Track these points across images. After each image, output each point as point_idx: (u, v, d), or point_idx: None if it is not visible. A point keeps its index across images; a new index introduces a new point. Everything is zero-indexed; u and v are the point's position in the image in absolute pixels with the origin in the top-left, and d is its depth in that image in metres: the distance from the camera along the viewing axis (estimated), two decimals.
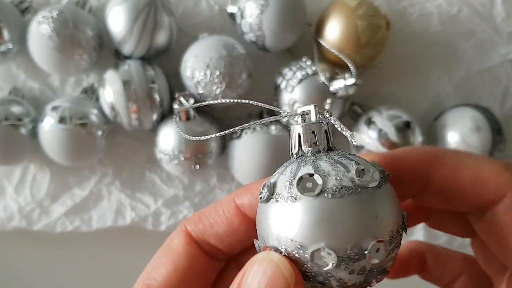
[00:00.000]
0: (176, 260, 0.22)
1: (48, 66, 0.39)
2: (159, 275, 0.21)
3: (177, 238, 0.22)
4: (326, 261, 0.17)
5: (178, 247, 0.22)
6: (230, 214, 0.22)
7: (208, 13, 0.42)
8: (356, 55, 0.38)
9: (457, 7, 0.42)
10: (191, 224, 0.22)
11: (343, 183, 0.17)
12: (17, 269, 0.49)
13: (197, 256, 0.22)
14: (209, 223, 0.22)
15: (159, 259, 0.22)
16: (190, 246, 0.22)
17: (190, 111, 0.39)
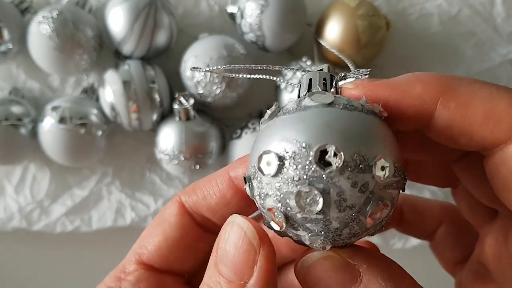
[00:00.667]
0: (167, 230, 0.22)
1: (48, 66, 0.39)
2: (150, 244, 0.22)
3: (170, 208, 0.22)
4: (330, 161, 0.16)
5: (170, 217, 0.22)
6: (223, 186, 0.21)
7: (208, 13, 0.42)
8: (356, 55, 0.38)
9: (457, 8, 0.42)
10: (185, 195, 0.22)
11: (353, 103, 0.17)
12: (17, 269, 0.49)
13: (189, 226, 0.22)
14: (202, 194, 0.22)
15: (151, 229, 0.22)
16: (182, 216, 0.22)
17: (190, 111, 0.39)
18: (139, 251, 0.22)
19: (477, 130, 0.17)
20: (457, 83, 0.18)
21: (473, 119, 0.17)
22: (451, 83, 0.18)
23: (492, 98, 0.17)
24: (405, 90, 0.18)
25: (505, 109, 0.17)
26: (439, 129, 0.18)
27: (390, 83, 0.19)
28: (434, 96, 0.18)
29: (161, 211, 0.23)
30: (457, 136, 0.18)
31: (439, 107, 0.18)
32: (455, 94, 0.18)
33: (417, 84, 0.18)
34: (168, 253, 0.22)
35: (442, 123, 0.18)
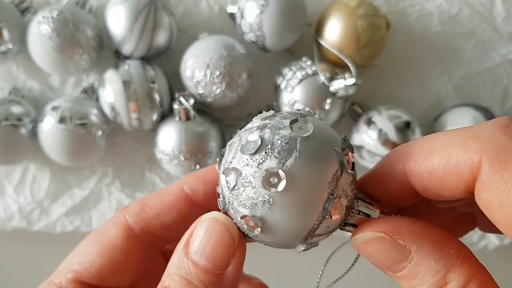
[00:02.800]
0: (111, 253, 0.21)
1: (48, 66, 0.39)
2: (91, 265, 0.21)
3: (115, 229, 0.21)
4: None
5: (115, 239, 0.21)
6: (179, 203, 0.21)
7: (208, 13, 0.42)
8: (356, 55, 0.38)
9: (457, 7, 0.42)
10: (132, 215, 0.22)
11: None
12: (17, 269, 0.49)
13: (134, 250, 0.22)
14: (154, 213, 0.21)
15: (91, 248, 0.21)
16: (128, 240, 0.21)
17: (190, 111, 0.39)
18: (77, 268, 0.21)
19: (447, 181, 0.18)
20: (413, 148, 0.19)
21: (438, 173, 0.18)
22: (408, 149, 0.19)
23: (447, 146, 0.18)
24: (381, 174, 0.20)
25: (459, 151, 0.17)
26: (423, 192, 0.19)
27: (370, 176, 0.20)
28: (401, 167, 0.19)
29: (102, 229, 0.22)
30: (438, 192, 0.18)
31: (408, 174, 0.19)
32: (413, 156, 0.18)
33: (387, 163, 0.19)
34: (109, 275, 0.21)
35: (419, 186, 0.19)
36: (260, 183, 0.17)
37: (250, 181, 0.17)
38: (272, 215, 0.17)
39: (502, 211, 0.16)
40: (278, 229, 0.18)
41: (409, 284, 0.18)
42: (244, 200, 0.17)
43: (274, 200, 0.17)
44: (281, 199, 0.17)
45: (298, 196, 0.17)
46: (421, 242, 0.18)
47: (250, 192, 0.17)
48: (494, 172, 0.16)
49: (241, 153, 0.17)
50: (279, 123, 0.18)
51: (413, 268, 0.18)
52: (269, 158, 0.17)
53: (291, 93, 0.39)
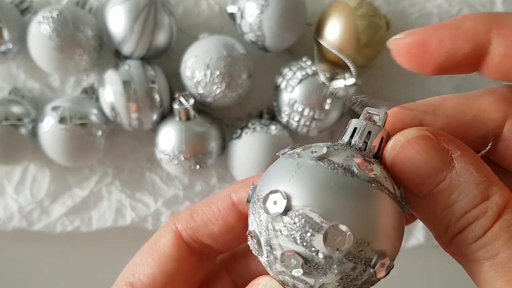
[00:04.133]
0: (163, 262, 0.21)
1: (48, 66, 0.39)
2: (144, 276, 0.21)
3: (165, 238, 0.21)
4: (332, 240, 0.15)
5: (166, 248, 0.21)
6: (226, 212, 0.20)
7: (208, 13, 0.42)
8: (356, 55, 0.38)
9: (457, 7, 0.42)
10: (181, 222, 0.21)
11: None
12: (17, 269, 0.49)
13: (186, 258, 0.21)
14: (202, 221, 0.21)
15: (144, 258, 0.21)
16: (179, 248, 0.21)
17: (190, 111, 0.39)
18: (132, 281, 0.21)
19: None
20: (504, 15, 0.18)
21: None
22: (499, 15, 0.18)
23: None
24: (458, 26, 0.18)
25: None
26: (498, 60, 0.17)
27: (440, 24, 0.18)
28: (487, 27, 0.17)
29: (154, 238, 0.22)
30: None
31: (495, 36, 0.17)
32: (506, 23, 0.17)
33: (467, 19, 0.18)
34: (162, 286, 0.21)
35: (500, 51, 0.17)
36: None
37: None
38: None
39: None
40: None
41: (445, 203, 0.16)
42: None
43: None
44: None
45: None
46: (464, 149, 0.17)
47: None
48: None
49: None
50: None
51: (454, 177, 0.16)
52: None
53: (291, 93, 0.39)
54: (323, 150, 0.17)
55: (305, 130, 0.40)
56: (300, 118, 0.39)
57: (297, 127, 0.40)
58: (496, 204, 0.16)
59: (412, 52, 0.18)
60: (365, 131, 0.18)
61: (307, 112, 0.38)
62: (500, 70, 0.18)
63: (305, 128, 0.40)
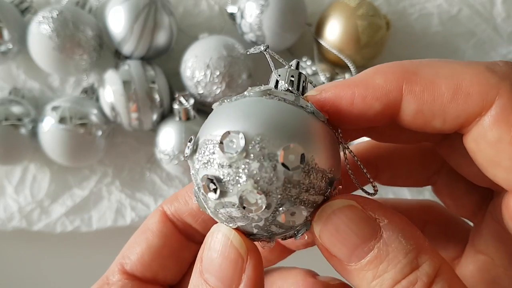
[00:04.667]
0: (149, 238, 0.22)
1: (48, 66, 0.39)
2: (132, 254, 0.22)
3: (153, 217, 0.22)
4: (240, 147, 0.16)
5: (152, 225, 0.22)
6: None
7: (208, 13, 0.42)
8: (356, 55, 0.38)
9: (457, 7, 0.42)
10: (167, 204, 0.22)
11: (294, 100, 0.17)
12: (17, 269, 0.49)
13: (171, 234, 0.22)
14: (184, 200, 0.22)
15: (134, 239, 0.22)
16: (163, 224, 0.22)
17: (190, 111, 0.39)
18: (122, 261, 0.22)
19: (449, 109, 0.16)
20: (418, 67, 0.17)
21: (442, 98, 0.16)
22: (411, 67, 0.17)
23: (456, 74, 0.16)
24: (367, 84, 0.17)
25: (471, 82, 0.16)
26: (411, 117, 0.17)
27: (351, 81, 0.18)
28: (397, 84, 0.17)
29: (144, 221, 0.23)
30: (431, 120, 0.17)
31: (405, 94, 0.17)
32: (418, 77, 0.17)
33: (377, 76, 0.17)
34: (150, 261, 0.21)
35: (412, 109, 0.17)
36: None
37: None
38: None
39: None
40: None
41: (375, 273, 0.16)
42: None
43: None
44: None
45: None
46: (392, 217, 0.17)
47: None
48: (510, 109, 0.15)
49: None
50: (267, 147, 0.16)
51: (382, 247, 0.16)
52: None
53: None
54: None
55: None
56: None
57: None
58: (426, 273, 0.16)
59: (325, 109, 0.18)
60: (287, 76, 0.19)
61: None
62: (413, 125, 0.18)
63: None
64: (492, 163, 0.16)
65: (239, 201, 0.16)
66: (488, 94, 0.16)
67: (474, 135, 0.16)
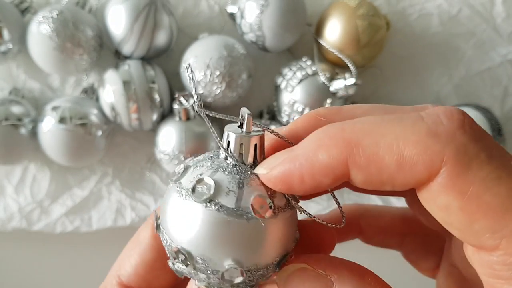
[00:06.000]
0: (143, 252, 0.23)
1: (48, 66, 0.39)
2: (129, 266, 0.23)
3: (144, 231, 0.23)
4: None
5: (146, 239, 0.23)
6: None
7: (208, 13, 0.42)
8: (356, 55, 0.38)
9: (457, 8, 0.42)
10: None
11: (228, 204, 0.17)
12: (17, 269, 0.49)
13: (162, 247, 0.22)
14: None
15: (128, 252, 0.23)
16: (156, 239, 0.22)
17: (190, 111, 0.39)
18: (119, 273, 0.23)
19: (396, 179, 0.16)
20: (358, 136, 0.17)
21: (388, 169, 0.16)
22: (352, 137, 0.17)
23: (397, 142, 0.16)
24: (312, 162, 0.17)
25: (415, 151, 0.16)
26: (361, 184, 0.17)
27: (295, 157, 0.17)
28: (341, 158, 0.17)
29: (136, 233, 0.24)
30: (381, 186, 0.17)
31: (351, 167, 0.17)
32: (361, 149, 0.16)
33: (320, 152, 0.17)
34: (145, 274, 0.23)
35: (360, 179, 0.17)
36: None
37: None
38: None
39: (461, 216, 0.15)
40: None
41: None
42: None
43: None
44: None
45: None
46: (341, 271, 0.18)
47: None
48: (456, 176, 0.15)
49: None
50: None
51: None
52: None
53: (291, 93, 0.39)
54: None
55: None
56: None
57: None
58: None
59: (278, 186, 0.18)
60: (237, 143, 0.18)
61: (307, 112, 0.38)
62: (366, 191, 0.19)
63: None
64: (445, 223, 0.16)
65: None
66: (433, 162, 0.15)
67: (425, 198, 0.17)
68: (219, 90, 0.38)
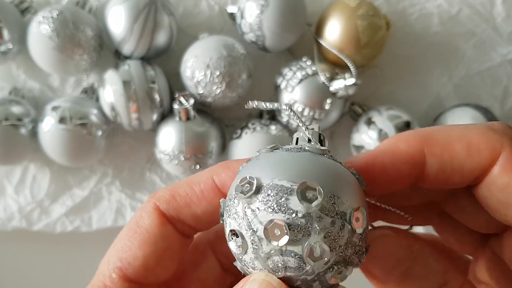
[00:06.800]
0: (152, 242, 0.21)
1: (48, 66, 0.39)
2: (134, 259, 0.21)
3: (149, 218, 0.21)
4: (309, 199, 0.16)
5: (153, 228, 0.21)
6: (209, 194, 0.21)
7: (208, 13, 0.42)
8: (356, 55, 0.38)
9: (457, 7, 0.42)
10: (163, 203, 0.21)
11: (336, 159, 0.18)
12: (17, 269, 0.49)
13: (172, 236, 0.21)
14: (184, 202, 0.21)
15: (129, 242, 0.21)
16: (166, 226, 0.21)
17: (190, 111, 0.39)
18: (121, 265, 0.21)
19: (466, 165, 0.19)
20: (432, 132, 0.20)
21: (459, 156, 0.19)
22: (427, 133, 0.20)
23: (465, 135, 0.20)
24: (394, 151, 0.20)
25: (480, 140, 0.19)
26: (433, 174, 0.20)
27: (379, 151, 0.21)
28: (419, 148, 0.20)
29: (135, 221, 0.21)
30: (451, 176, 0.20)
31: (427, 156, 0.20)
32: (435, 140, 0.20)
33: (400, 143, 0.20)
34: (155, 266, 0.21)
35: (435, 168, 0.20)
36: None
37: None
38: None
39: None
40: None
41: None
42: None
43: None
44: None
45: None
46: (421, 242, 0.21)
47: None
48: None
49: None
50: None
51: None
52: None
53: (291, 93, 0.39)
54: (274, 145, 0.19)
55: None
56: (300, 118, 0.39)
57: (297, 127, 0.40)
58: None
59: (362, 175, 0.20)
60: (306, 137, 0.20)
61: (307, 112, 0.38)
62: (437, 182, 0.21)
63: None
64: (503, 205, 0.19)
65: (306, 252, 0.16)
66: (494, 148, 0.19)
67: (487, 183, 0.20)
68: (219, 90, 0.38)
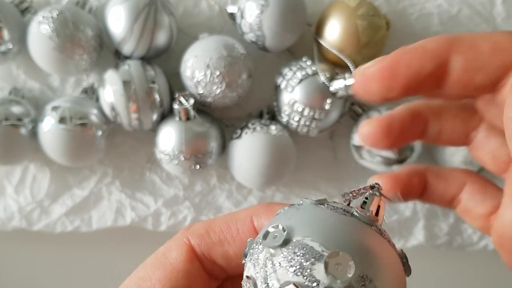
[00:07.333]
0: (174, 277, 0.19)
1: (48, 66, 0.39)
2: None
3: (177, 251, 0.20)
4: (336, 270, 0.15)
5: (178, 262, 0.19)
6: (245, 235, 0.19)
7: (208, 13, 0.42)
8: (356, 55, 0.38)
9: (457, 7, 0.42)
10: (195, 238, 0.20)
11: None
12: (17, 269, 0.49)
13: (197, 275, 0.20)
14: (218, 239, 0.20)
15: (152, 271, 0.20)
16: (192, 264, 0.20)
17: (190, 111, 0.39)
18: None
19: (490, 63, 0.20)
20: (460, 35, 0.21)
21: (484, 55, 0.20)
22: (455, 36, 0.21)
23: (491, 36, 0.20)
24: (423, 48, 0.21)
25: (505, 40, 0.20)
26: (457, 74, 0.21)
27: (408, 48, 0.22)
28: (446, 46, 0.21)
29: (163, 251, 0.20)
30: (474, 76, 0.20)
31: (453, 53, 0.21)
32: (462, 40, 0.21)
33: (429, 43, 0.22)
34: None
35: (459, 65, 0.20)
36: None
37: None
38: None
39: None
40: None
41: None
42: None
43: None
44: None
45: None
46: None
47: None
48: None
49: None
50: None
51: None
52: None
53: (291, 93, 0.39)
54: (323, 199, 0.18)
55: (305, 130, 0.40)
56: (300, 118, 0.39)
57: (297, 127, 0.40)
58: None
59: (383, 76, 0.21)
60: (362, 198, 0.19)
61: (307, 112, 0.38)
62: (459, 85, 0.21)
63: (305, 128, 0.40)
64: None
65: None
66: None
67: (511, 83, 0.20)
68: (219, 90, 0.38)
